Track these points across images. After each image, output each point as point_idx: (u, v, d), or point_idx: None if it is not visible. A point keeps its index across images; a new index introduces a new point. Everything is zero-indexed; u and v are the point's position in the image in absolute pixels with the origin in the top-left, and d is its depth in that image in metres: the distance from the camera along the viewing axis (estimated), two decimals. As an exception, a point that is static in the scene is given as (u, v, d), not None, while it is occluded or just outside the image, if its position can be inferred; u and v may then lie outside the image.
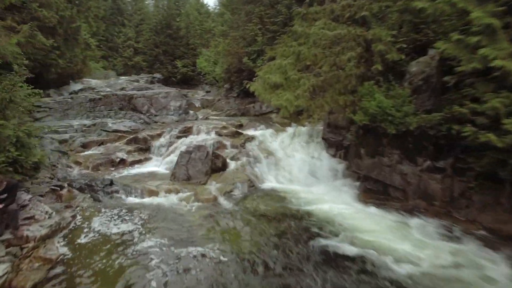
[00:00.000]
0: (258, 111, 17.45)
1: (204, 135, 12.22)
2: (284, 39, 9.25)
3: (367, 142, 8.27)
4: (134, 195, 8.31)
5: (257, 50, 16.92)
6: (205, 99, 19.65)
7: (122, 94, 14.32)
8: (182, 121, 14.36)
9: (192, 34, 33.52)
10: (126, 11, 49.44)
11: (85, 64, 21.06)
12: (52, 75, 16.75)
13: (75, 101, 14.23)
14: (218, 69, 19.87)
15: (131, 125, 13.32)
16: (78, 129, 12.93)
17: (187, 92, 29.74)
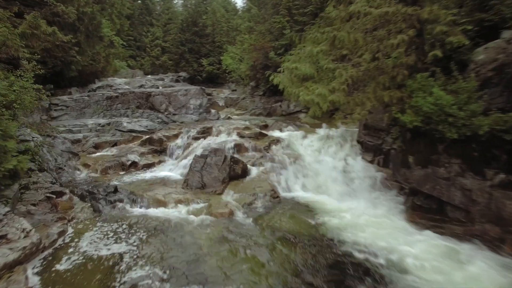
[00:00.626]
0: (285, 111, 16.09)
1: (224, 136, 11.05)
2: (316, 26, 7.87)
3: (417, 148, 6.70)
4: (140, 205, 7.24)
5: (285, 44, 15.56)
6: (229, 98, 18.54)
7: (140, 92, 13.46)
8: (202, 121, 13.30)
9: (218, 32, 32.63)
10: (154, 10, 49.59)
11: (108, 62, 20.61)
12: (72, 73, 16.24)
13: (92, 99, 13.54)
14: (243, 66, 18.72)
15: (147, 124, 12.40)
16: (92, 129, 12.18)
17: (212, 90, 28.88)
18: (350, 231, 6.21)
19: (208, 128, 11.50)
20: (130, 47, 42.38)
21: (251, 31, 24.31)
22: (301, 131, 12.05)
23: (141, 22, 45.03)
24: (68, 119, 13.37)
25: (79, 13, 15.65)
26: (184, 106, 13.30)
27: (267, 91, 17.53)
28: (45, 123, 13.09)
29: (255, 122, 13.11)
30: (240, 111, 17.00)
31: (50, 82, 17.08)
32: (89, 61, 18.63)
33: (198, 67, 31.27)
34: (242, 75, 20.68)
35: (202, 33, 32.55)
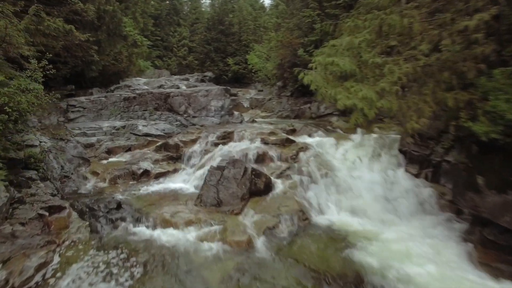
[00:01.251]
0: (315, 113, 14.72)
1: (247, 142, 9.88)
2: (354, 14, 6.52)
3: (490, 166, 5.18)
4: (145, 224, 6.21)
5: (315, 40, 14.18)
6: (255, 99, 17.38)
7: (158, 92, 12.59)
8: (224, 124, 12.21)
9: (245, 30, 31.61)
10: (182, 11, 49.44)
11: (131, 62, 20.06)
12: (93, 73, 15.71)
13: (109, 100, 12.83)
14: (270, 64, 17.50)
15: (164, 128, 11.47)
16: (107, 132, 11.42)
17: (238, 91, 27.89)
18: (397, 273, 4.83)
19: (229, 133, 10.38)
20: (157, 47, 42.35)
21: (279, 28, 23.07)
22: (333, 137, 10.66)
23: (168, 22, 44.93)
24: (85, 121, 12.73)
25: (100, 11, 15.09)
26: (204, 108, 12.26)
27: (295, 92, 16.21)
28: (61, 125, 12.53)
29: (282, 126, 11.85)
30: (266, 113, 15.80)
31: (72, 82, 16.68)
32: (111, 61, 18.14)
33: (224, 67, 30.40)
34: (269, 75, 19.45)
35: (228, 31, 31.66)
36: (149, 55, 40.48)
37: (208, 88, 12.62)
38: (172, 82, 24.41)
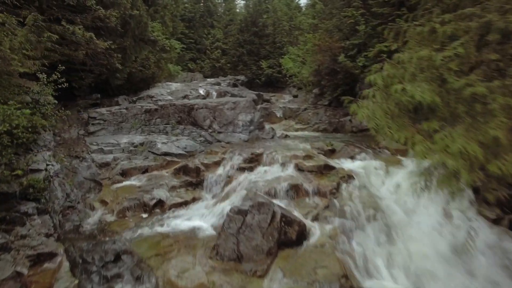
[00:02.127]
0: (356, 127, 12.93)
1: (277, 168, 8.41)
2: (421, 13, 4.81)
3: None
4: (145, 286, 4.95)
5: (358, 43, 12.40)
6: (288, 108, 15.82)
7: (181, 104, 11.44)
8: (253, 141, 10.83)
9: (279, 31, 30.06)
10: (216, 12, 48.81)
11: (159, 68, 19.28)
12: (118, 81, 14.97)
13: (130, 112, 11.90)
14: (305, 70, 15.89)
15: (186, 145, 10.29)
16: (125, 149, 10.45)
17: (271, 96, 26.46)
18: None
19: (257, 155, 8.96)
20: (190, 50, 41.97)
21: (316, 30, 21.36)
22: (380, 161, 8.91)
23: (202, 24, 44.44)
24: (105, 134, 11.90)
25: (126, 16, 14.29)
26: (231, 123, 10.92)
27: (334, 101, 14.47)
28: (81, 138, 11.77)
29: (319, 144, 10.23)
30: (301, 125, 14.21)
31: (98, 90, 16.09)
32: (137, 68, 17.41)
33: (257, 70, 29.08)
34: (304, 81, 17.80)
35: (262, 33, 30.29)
36: (182, 58, 40.18)
37: (235, 100, 11.27)
38: (202, 88, 23.50)
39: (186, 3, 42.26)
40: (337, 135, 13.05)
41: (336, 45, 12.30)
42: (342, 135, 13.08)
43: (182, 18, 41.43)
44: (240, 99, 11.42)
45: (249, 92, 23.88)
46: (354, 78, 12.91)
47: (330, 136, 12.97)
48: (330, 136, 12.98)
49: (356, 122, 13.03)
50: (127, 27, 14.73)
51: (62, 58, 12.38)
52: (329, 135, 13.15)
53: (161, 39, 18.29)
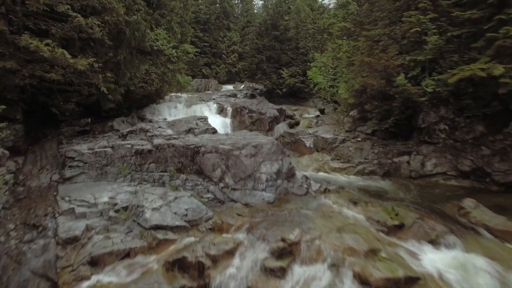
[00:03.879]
0: (417, 171, 9.60)
1: (325, 273, 5.24)
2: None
3: None
4: None
5: (424, 60, 9.05)
6: (321, 138, 12.49)
7: (183, 146, 8.40)
8: (281, 202, 7.68)
9: (303, 36, 26.73)
10: (232, 14, 45.86)
11: (164, 82, 16.38)
12: (109, 104, 12.12)
13: (117, 153, 8.97)
14: (343, 89, 12.60)
15: (187, 208, 7.24)
16: (104, 212, 7.50)
17: (294, 109, 23.24)
18: None
19: (291, 244, 5.79)
20: (205, 54, 39.21)
21: (349, 35, 18.04)
22: (481, 253, 5.63)
23: (217, 27, 41.54)
24: (85, 181, 9.03)
25: (120, 23, 11.41)
26: (251, 176, 7.79)
27: (382, 132, 11.15)
28: (52, 188, 8.94)
29: (377, 214, 6.98)
30: (339, 163, 10.92)
31: (90, 113, 13.33)
32: (138, 84, 14.55)
33: (278, 79, 25.85)
34: (341, 101, 14.50)
35: (283, 37, 27.04)
36: (196, 63, 37.41)
37: (257, 143, 8.10)
38: (215, 103, 20.50)
39: (201, 4, 39.43)
40: (390, 182, 9.75)
41: (395, 64, 8.98)
42: (396, 181, 9.78)
43: (197, 20, 38.67)
44: (263, 141, 8.22)
45: (269, 107, 20.74)
46: (415, 107, 9.58)
47: (381, 183, 9.69)
48: (382, 183, 9.70)
49: (416, 164, 9.68)
50: (121, 37, 11.85)
51: (32, 80, 9.65)
52: (379, 181, 9.87)
53: (167, 49, 15.38)
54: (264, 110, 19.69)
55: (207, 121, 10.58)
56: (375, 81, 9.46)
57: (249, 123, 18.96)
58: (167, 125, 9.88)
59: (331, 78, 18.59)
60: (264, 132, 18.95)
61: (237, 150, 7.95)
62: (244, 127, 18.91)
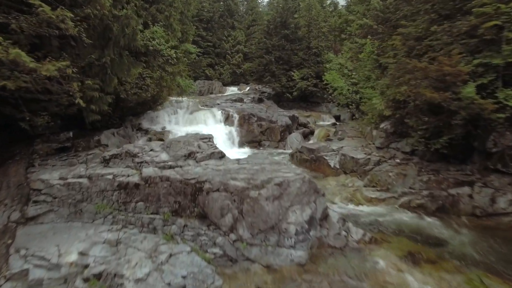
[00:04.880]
0: (484, 208, 7.38)
1: None
2: None
3: None
4: None
5: (500, 65, 6.84)
6: (350, 158, 10.26)
7: (180, 180, 6.25)
8: (315, 264, 5.52)
9: (315, 34, 24.52)
10: (237, 12, 43.68)
11: (162, 87, 14.24)
12: (93, 116, 9.99)
13: (95, 185, 6.84)
14: (377, 99, 10.35)
15: (186, 275, 5.10)
16: (68, 279, 5.37)
17: (306, 115, 21.05)
18: None
19: None
20: (208, 54, 37.09)
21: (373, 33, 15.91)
22: None
23: (221, 25, 39.37)
24: (54, 222, 6.94)
25: (105, 18, 9.29)
26: (274, 228, 5.60)
27: (431, 154, 8.94)
28: (9, 233, 6.84)
29: (452, 277, 4.84)
30: (376, 192, 8.73)
31: (72, 126, 11.22)
32: (130, 91, 12.41)
33: (288, 82, 23.64)
34: (368, 110, 12.30)
35: (293, 36, 24.82)
36: (199, 63, 35.28)
37: (281, 179, 5.89)
38: (220, 107, 18.35)
39: (204, 2, 37.26)
40: (448, 222, 7.54)
41: (464, 70, 6.75)
42: (455, 220, 7.58)
43: (199, 19, 36.56)
44: (290, 177, 6.02)
45: (280, 113, 18.55)
46: (483, 124, 7.37)
47: (437, 224, 7.47)
48: (438, 224, 7.49)
49: (483, 199, 7.47)
50: (107, 35, 9.72)
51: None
52: (433, 220, 7.66)
53: (165, 49, 13.25)
54: (275, 118, 17.50)
55: (212, 142, 8.37)
56: (432, 93, 7.24)
57: (258, 133, 16.78)
58: (161, 147, 7.70)
59: (351, 82, 16.40)
60: (275, 143, 16.79)
61: (254, 190, 5.76)
62: (253, 138, 16.76)
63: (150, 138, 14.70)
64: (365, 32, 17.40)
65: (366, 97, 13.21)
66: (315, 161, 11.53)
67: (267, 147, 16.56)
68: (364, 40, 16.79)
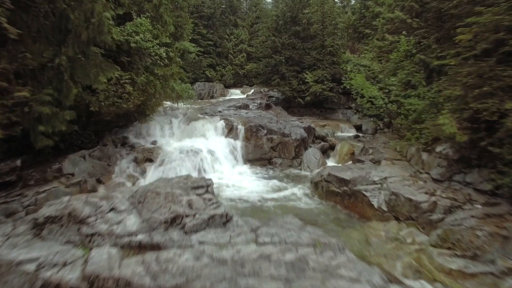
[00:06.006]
0: None
1: None
2: None
3: None
4: None
5: None
6: (404, 199, 7.28)
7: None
8: None
9: (330, 31, 21.58)
10: (239, 8, 40.72)
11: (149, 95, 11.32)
12: (44, 141, 7.08)
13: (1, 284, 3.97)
14: (446, 119, 7.38)
15: None
16: None
17: (322, 125, 18.09)
18: None
19: None
20: (209, 54, 34.19)
21: (409, 29, 13.11)
22: None
23: (223, 23, 36.45)
24: None
25: (59, 3, 6.42)
26: None
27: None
28: None
29: None
30: (455, 259, 5.76)
31: (24, 149, 8.37)
32: (104, 101, 9.50)
33: (299, 85, 20.69)
34: (421, 131, 9.35)
35: (305, 33, 21.87)
36: (199, 64, 32.42)
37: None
38: (222, 115, 15.43)
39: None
40: None
41: None
42: None
43: (200, 15, 33.67)
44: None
45: (293, 124, 15.59)
46: None
47: None
48: None
49: None
50: (64, 26, 6.86)
51: None
52: None
53: (152, 46, 10.37)
54: (288, 129, 14.58)
55: (211, 193, 5.40)
56: None
57: (268, 149, 13.87)
58: (129, 202, 4.78)
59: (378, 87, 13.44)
60: (288, 161, 13.86)
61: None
62: (262, 154, 13.84)
63: (136, 157, 11.81)
64: (395, 27, 14.51)
65: (410, 109, 10.28)
66: (350, 196, 8.60)
67: (279, 166, 13.65)
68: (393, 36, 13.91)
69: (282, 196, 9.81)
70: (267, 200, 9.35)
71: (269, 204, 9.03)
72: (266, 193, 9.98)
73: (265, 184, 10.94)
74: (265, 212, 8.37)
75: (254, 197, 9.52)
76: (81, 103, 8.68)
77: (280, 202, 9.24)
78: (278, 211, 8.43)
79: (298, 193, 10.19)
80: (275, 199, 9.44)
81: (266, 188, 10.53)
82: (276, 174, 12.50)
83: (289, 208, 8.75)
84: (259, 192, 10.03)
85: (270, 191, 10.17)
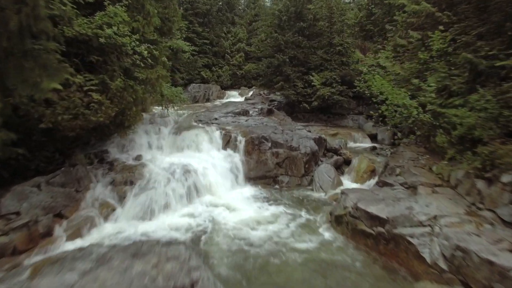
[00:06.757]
0: None
1: None
2: None
3: None
4: None
5: None
6: (477, 258, 5.21)
7: None
8: None
9: (338, 28, 19.47)
10: (237, 5, 38.53)
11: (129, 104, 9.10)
12: None
13: None
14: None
15: None
16: None
17: (331, 133, 16.00)
18: None
19: None
20: (204, 53, 32.01)
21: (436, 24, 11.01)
22: None
23: (220, 20, 34.26)
24: None
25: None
26: None
27: None
28: None
29: None
30: None
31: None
32: (65, 113, 7.29)
33: (305, 88, 18.55)
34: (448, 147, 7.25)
35: (311, 31, 19.75)
36: (193, 64, 30.22)
37: None
38: (219, 123, 13.24)
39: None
40: None
41: None
42: None
43: (195, 12, 31.47)
44: None
45: (301, 135, 13.42)
46: None
47: None
48: None
49: None
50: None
51: None
52: None
53: (130, 43, 8.19)
54: (296, 142, 12.45)
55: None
56: None
57: (274, 165, 11.73)
58: None
59: (410, 93, 11.31)
60: (296, 179, 11.72)
61: None
62: (266, 171, 11.69)
63: (113, 179, 9.61)
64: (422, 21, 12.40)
65: (455, 121, 8.17)
66: (388, 241, 6.45)
67: (286, 185, 11.52)
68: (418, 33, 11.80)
69: (295, 235, 7.63)
70: (277, 243, 7.17)
71: (279, 251, 6.84)
72: (273, 234, 7.74)
73: (271, 215, 8.76)
74: (275, 271, 6.16)
75: (258, 241, 7.30)
76: (29, 117, 6.48)
77: (292, 246, 7.07)
78: (292, 265, 6.26)
79: (315, 228, 8.04)
80: (285, 243, 7.24)
81: (272, 223, 8.32)
82: (283, 197, 10.34)
83: (305, 257, 6.58)
84: (264, 231, 7.82)
85: (278, 230, 7.92)
